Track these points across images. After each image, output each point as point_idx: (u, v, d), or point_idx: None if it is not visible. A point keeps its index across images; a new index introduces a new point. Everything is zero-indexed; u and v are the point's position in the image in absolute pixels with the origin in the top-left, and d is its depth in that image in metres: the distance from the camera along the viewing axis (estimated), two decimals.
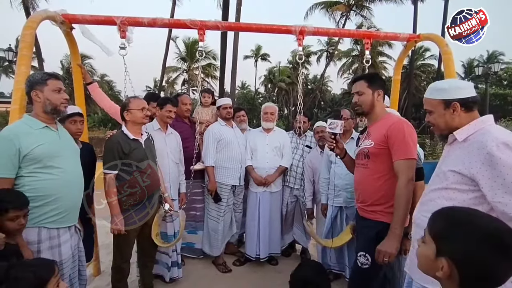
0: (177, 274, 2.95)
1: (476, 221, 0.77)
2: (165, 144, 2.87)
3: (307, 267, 1.85)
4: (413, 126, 1.92)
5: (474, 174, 1.30)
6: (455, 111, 1.43)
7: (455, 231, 0.77)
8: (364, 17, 22.06)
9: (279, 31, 2.62)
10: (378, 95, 2.00)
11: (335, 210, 2.98)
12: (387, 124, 1.91)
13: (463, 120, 1.43)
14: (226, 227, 3.37)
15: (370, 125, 2.06)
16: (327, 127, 2.17)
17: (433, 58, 27.11)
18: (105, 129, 19.47)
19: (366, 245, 1.91)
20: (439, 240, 0.80)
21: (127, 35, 2.50)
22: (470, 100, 1.43)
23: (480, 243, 0.73)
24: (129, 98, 2.41)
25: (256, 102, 37.09)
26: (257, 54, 37.67)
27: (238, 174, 3.33)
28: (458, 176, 1.37)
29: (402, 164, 1.82)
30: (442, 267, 0.77)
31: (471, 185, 1.33)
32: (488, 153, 1.26)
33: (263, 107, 3.54)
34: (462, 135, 1.41)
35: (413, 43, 2.74)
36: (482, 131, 1.36)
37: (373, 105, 2.00)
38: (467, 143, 1.38)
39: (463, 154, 1.37)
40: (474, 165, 1.31)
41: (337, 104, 33.14)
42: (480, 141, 1.32)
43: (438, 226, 0.82)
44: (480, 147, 1.30)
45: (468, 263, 0.74)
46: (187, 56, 30.50)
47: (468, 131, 1.40)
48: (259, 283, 3.07)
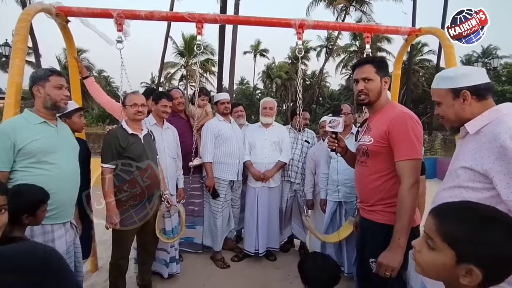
0: (176, 270, 2.94)
1: (493, 217, 0.73)
2: (161, 139, 2.84)
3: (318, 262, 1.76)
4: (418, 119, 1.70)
5: (488, 170, 1.16)
6: (466, 100, 1.29)
7: (479, 234, 0.71)
8: (364, 12, 21.96)
9: (279, 25, 2.58)
10: (385, 83, 1.79)
11: (334, 205, 2.97)
12: (388, 118, 1.70)
13: (475, 110, 1.28)
14: (225, 222, 3.36)
15: (370, 118, 1.88)
16: (327, 125, 1.99)
17: (431, 53, 27.03)
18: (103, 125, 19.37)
19: (374, 251, 1.71)
20: (461, 246, 0.72)
21: (124, 29, 2.46)
22: (482, 87, 1.28)
23: (506, 241, 0.69)
24: (127, 94, 2.39)
25: (255, 98, 37.02)
26: (256, 50, 37.49)
27: (236, 169, 3.31)
28: (470, 173, 1.23)
29: (405, 165, 1.60)
30: (466, 273, 0.71)
31: (486, 182, 1.19)
32: (502, 145, 1.12)
33: (262, 102, 3.51)
34: (475, 127, 1.26)
35: (414, 37, 2.71)
36: (496, 121, 1.20)
37: (380, 93, 1.79)
38: (480, 135, 1.24)
39: (475, 148, 1.23)
40: (487, 160, 1.17)
41: (336, 100, 33.13)
42: (492, 133, 1.17)
43: (455, 230, 0.74)
44: (492, 139, 1.16)
45: (499, 264, 0.70)
46: (185, 51, 30.30)
47: (481, 122, 1.25)
48: (258, 279, 3.06)
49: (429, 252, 0.79)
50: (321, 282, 1.62)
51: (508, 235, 0.69)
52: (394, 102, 1.86)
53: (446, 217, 0.78)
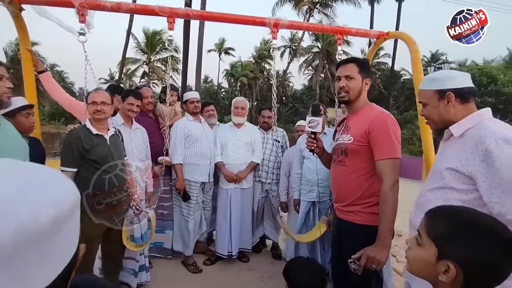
0: (146, 279, 2.78)
1: (481, 222, 0.75)
2: (130, 140, 2.66)
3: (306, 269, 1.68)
4: (397, 121, 1.73)
5: (472, 171, 1.22)
6: (450, 102, 1.35)
7: (461, 233, 0.74)
8: (327, 15, 22.70)
9: (253, 23, 2.53)
10: (366, 84, 1.82)
11: (307, 205, 2.99)
12: (368, 118, 1.72)
13: (458, 113, 1.34)
14: (196, 225, 3.24)
15: (348, 117, 1.88)
16: (307, 125, 1.97)
17: (387, 56, 28.71)
18: (57, 123, 17.98)
19: (352, 252, 1.70)
20: (442, 243, 0.75)
21: (87, 20, 2.26)
22: (466, 91, 1.35)
23: (489, 245, 0.70)
24: (92, 91, 2.19)
25: (219, 97, 36.67)
26: (220, 48, 37.12)
27: (207, 170, 3.21)
28: (455, 174, 1.28)
29: (386, 164, 1.62)
30: (445, 271, 0.74)
31: (470, 184, 1.24)
32: (486, 149, 1.18)
33: (233, 102, 3.45)
34: (459, 130, 1.32)
35: (382, 40, 2.81)
36: (480, 125, 1.27)
37: (359, 93, 1.81)
38: (464, 138, 1.29)
39: (460, 150, 1.29)
40: (472, 162, 1.22)
41: (299, 100, 33.84)
42: (478, 136, 1.23)
43: (440, 227, 0.78)
44: (478, 142, 1.22)
45: (478, 266, 0.71)
46: (147, 47, 29.13)
47: (465, 125, 1.31)
48: (231, 282, 3.00)
49: (417, 248, 0.82)
50: (312, 286, 1.60)
51: (490, 243, 0.71)
52: (373, 104, 1.85)
53: (436, 215, 0.82)
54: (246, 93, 35.81)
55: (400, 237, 4.17)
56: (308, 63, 30.80)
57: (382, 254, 1.56)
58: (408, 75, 27.45)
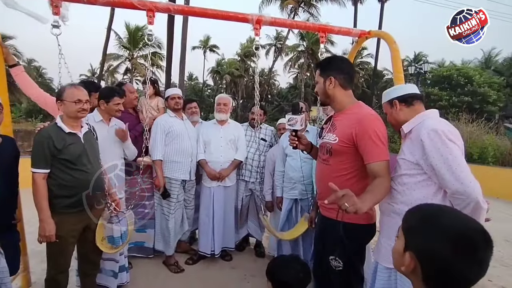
0: (126, 280, 2.71)
1: (443, 218, 0.76)
2: (108, 137, 2.57)
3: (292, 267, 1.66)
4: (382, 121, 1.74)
5: (418, 159, 1.52)
6: (396, 107, 1.67)
7: (421, 226, 0.78)
8: (312, 14, 22.87)
9: (236, 19, 2.50)
10: (329, 83, 1.78)
11: (290, 203, 2.99)
12: (355, 119, 1.70)
13: (407, 114, 1.65)
14: (177, 224, 3.19)
15: (335, 115, 1.86)
16: (286, 123, 1.99)
17: (369, 56, 29.23)
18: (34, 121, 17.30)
19: (333, 248, 1.72)
20: (408, 234, 0.80)
21: (62, 12, 2.16)
22: (407, 96, 1.67)
23: (442, 240, 0.72)
24: (65, 86, 2.08)
25: (204, 94, 36.37)
26: (205, 45, 36.79)
27: (189, 168, 3.16)
28: (407, 163, 1.57)
29: (379, 166, 1.61)
30: None
31: (418, 169, 1.53)
32: (421, 139, 1.48)
33: (216, 99, 3.40)
34: (408, 127, 1.62)
35: (364, 39, 2.84)
36: (422, 123, 1.56)
37: (326, 94, 1.81)
38: (412, 134, 1.59)
39: (408, 144, 1.59)
40: (417, 152, 1.52)
41: (284, 98, 34.03)
42: (418, 130, 1.53)
43: (409, 221, 0.83)
44: (417, 135, 1.51)
45: (429, 258, 0.74)
46: (129, 43, 28.48)
47: (412, 124, 1.61)
48: (214, 281, 2.97)
49: (396, 240, 0.86)
50: (297, 283, 1.59)
51: (445, 236, 0.72)
52: (360, 102, 1.83)
53: (412, 210, 0.85)
54: (232, 91, 35.70)
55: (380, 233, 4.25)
56: (293, 61, 30.98)
57: (362, 205, 1.43)
58: (390, 75, 28.01)
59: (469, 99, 18.34)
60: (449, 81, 19.35)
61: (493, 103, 18.88)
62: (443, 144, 1.43)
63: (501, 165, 9.07)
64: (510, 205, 6.76)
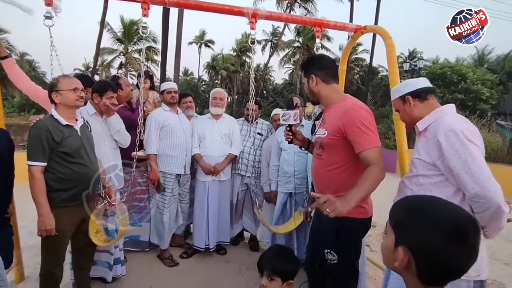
0: (121, 272, 2.71)
1: (432, 209, 0.76)
2: (102, 129, 2.56)
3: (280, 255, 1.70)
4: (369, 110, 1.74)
5: (434, 160, 1.46)
6: (410, 103, 1.61)
7: (411, 219, 0.76)
8: (308, 10, 22.80)
9: (231, 12, 2.48)
10: (312, 81, 1.82)
11: (284, 197, 3.02)
12: (340, 112, 1.71)
13: (422, 110, 1.59)
14: (172, 219, 3.19)
15: (325, 110, 1.90)
16: (281, 119, 2.03)
17: (365, 52, 29.25)
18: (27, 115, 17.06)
19: (328, 242, 1.74)
20: (397, 229, 0.78)
21: (54, 3, 2.12)
22: (420, 91, 1.60)
23: (435, 231, 0.71)
24: (58, 77, 2.06)
25: (200, 90, 36.18)
26: (201, 40, 36.52)
27: (183, 162, 3.15)
28: (423, 163, 1.51)
29: (370, 154, 1.59)
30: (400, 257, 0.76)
31: (435, 170, 1.47)
32: (438, 140, 1.42)
33: (212, 93, 3.39)
34: (423, 125, 1.57)
35: (360, 34, 2.84)
36: (438, 120, 1.50)
37: (312, 92, 1.86)
38: (428, 131, 1.53)
39: (424, 142, 1.52)
40: (433, 152, 1.46)
41: (279, 94, 33.97)
42: (435, 130, 1.46)
43: (397, 215, 0.81)
44: (434, 135, 1.45)
45: (423, 251, 0.73)
46: (124, 37, 28.13)
47: (428, 121, 1.55)
48: (208, 275, 2.99)
49: (385, 238, 0.84)
50: (286, 271, 1.60)
51: (437, 226, 0.72)
52: (346, 95, 1.85)
53: (398, 204, 0.84)
54: (227, 86, 35.57)
55: (374, 228, 4.30)
56: (289, 57, 30.91)
57: (342, 206, 1.44)
58: (385, 72, 28.11)
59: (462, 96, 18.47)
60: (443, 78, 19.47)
61: (486, 101, 19.05)
62: (462, 146, 1.36)
63: (493, 161, 9.19)
64: None
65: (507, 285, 3.11)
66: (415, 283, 0.77)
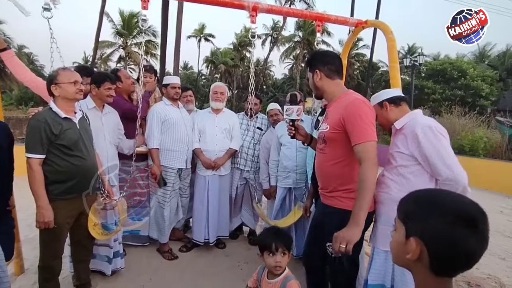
0: (120, 265, 2.72)
1: (441, 198, 0.77)
2: (101, 124, 2.56)
3: None
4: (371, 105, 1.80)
5: (412, 151, 1.75)
6: (387, 108, 1.91)
7: (422, 209, 0.77)
8: (308, 4, 22.63)
9: (231, 5, 2.46)
10: (316, 76, 1.85)
11: (284, 191, 3.03)
12: (342, 106, 1.73)
13: (397, 114, 1.90)
14: (172, 213, 3.20)
15: (328, 106, 1.91)
16: (284, 113, 2.05)
17: (365, 47, 29.10)
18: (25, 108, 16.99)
19: (331, 235, 1.70)
20: (407, 222, 0.79)
21: None
22: (395, 98, 1.93)
23: (446, 217, 0.72)
24: (58, 70, 2.05)
25: (199, 84, 36.06)
26: (200, 34, 36.29)
27: (185, 156, 3.15)
28: (402, 155, 1.79)
29: (363, 147, 1.62)
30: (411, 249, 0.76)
31: (413, 160, 1.76)
32: (416, 134, 1.72)
33: (212, 87, 3.38)
34: (400, 124, 1.85)
35: (361, 29, 2.83)
36: (413, 120, 1.81)
37: (316, 87, 1.88)
38: (404, 130, 1.82)
39: (402, 138, 1.81)
40: (411, 145, 1.75)
41: (279, 89, 33.91)
42: (413, 126, 1.76)
43: (406, 209, 0.82)
44: (412, 131, 1.75)
45: (436, 238, 0.73)
46: (123, 30, 27.93)
47: (404, 121, 1.84)
48: (207, 268, 3.00)
49: (394, 234, 0.84)
50: (290, 244, 1.74)
51: (448, 214, 0.72)
52: (350, 90, 1.86)
53: (405, 198, 0.84)
54: (226, 81, 35.47)
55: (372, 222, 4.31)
56: (289, 52, 30.77)
57: (352, 233, 1.53)
58: (385, 67, 28.01)
59: (462, 92, 18.46)
60: (443, 74, 19.42)
61: (486, 97, 19.04)
62: (436, 138, 1.68)
63: (491, 157, 9.23)
64: (499, 197, 6.92)
65: (502, 280, 3.14)
66: (426, 275, 0.77)
